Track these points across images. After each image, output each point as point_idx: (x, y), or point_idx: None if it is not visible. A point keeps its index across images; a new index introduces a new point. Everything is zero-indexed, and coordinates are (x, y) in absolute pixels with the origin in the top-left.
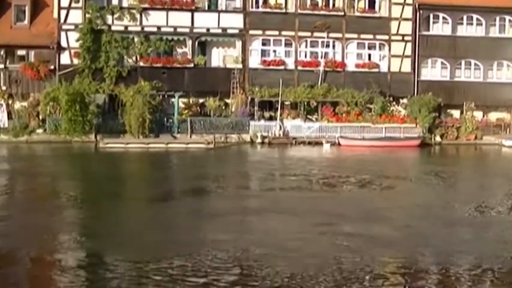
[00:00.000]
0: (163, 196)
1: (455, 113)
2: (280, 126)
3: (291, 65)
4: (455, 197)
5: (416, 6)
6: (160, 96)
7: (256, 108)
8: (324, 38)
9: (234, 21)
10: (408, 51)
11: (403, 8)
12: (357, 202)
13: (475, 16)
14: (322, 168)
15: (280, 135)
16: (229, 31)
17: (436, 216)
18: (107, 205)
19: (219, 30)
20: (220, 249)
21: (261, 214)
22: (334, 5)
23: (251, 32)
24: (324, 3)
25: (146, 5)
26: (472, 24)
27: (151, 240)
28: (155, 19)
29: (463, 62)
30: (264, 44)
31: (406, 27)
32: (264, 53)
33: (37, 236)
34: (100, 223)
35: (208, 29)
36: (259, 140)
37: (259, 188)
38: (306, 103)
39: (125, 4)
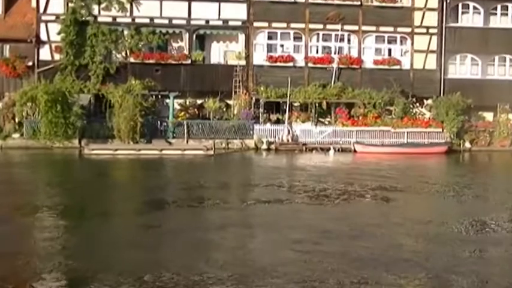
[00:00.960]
0: (151, 209)
1: (488, 116)
2: (289, 131)
3: (300, 62)
4: (478, 212)
5: None
6: (153, 97)
7: (261, 110)
8: (338, 30)
9: (237, 12)
10: (434, 46)
11: None
12: (355, 217)
13: (510, 5)
14: (331, 178)
15: (288, 140)
16: (231, 23)
17: (439, 234)
18: (88, 220)
19: (220, 22)
20: (191, 271)
21: (245, 230)
22: None
23: (256, 24)
24: None
25: None
26: (506, 14)
27: (126, 260)
28: (147, 9)
29: (496, 58)
30: (270, 38)
31: (432, 19)
32: (270, 47)
33: (8, 253)
34: (78, 240)
35: (207, 21)
36: (264, 146)
37: (255, 201)
38: (317, 104)
39: None
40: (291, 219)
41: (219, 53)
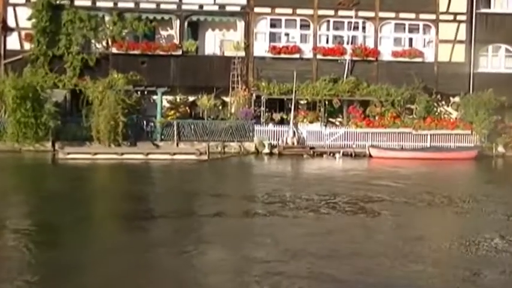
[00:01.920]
0: (128, 224)
1: None
2: (294, 133)
3: (308, 53)
4: (496, 230)
5: None
6: (139, 93)
7: (262, 108)
8: (352, 17)
9: None
10: (462, 35)
11: None
12: (340, 234)
13: None
14: (337, 187)
15: (293, 143)
16: (229, 8)
17: (431, 257)
18: (55, 236)
19: (215, 7)
20: None
21: (211, 246)
22: None
23: (257, 9)
24: None
25: None
26: None
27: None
28: None
29: None
30: (273, 26)
31: (460, 4)
32: (273, 37)
33: None
34: (40, 259)
35: (201, 6)
36: (266, 150)
37: (244, 214)
38: (327, 102)
39: None
40: (269, 235)
41: (214, 42)
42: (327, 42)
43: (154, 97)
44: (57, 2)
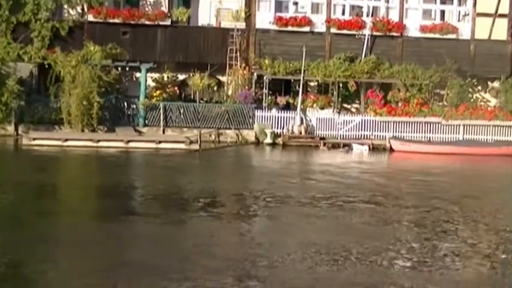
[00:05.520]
0: (90, 224)
1: None
2: (302, 120)
3: (320, 26)
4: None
5: None
6: (119, 69)
7: (265, 91)
8: None
9: None
10: (504, 8)
11: None
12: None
13: None
14: (340, 191)
15: (300, 133)
16: None
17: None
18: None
19: None
20: None
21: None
22: None
23: None
24: None
25: None
26: None
27: None
28: None
29: None
30: None
31: None
32: (279, 6)
33: None
34: None
35: None
36: (268, 139)
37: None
38: (341, 85)
39: None
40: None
41: (209, 11)
42: (343, 13)
43: (138, 74)
44: None
